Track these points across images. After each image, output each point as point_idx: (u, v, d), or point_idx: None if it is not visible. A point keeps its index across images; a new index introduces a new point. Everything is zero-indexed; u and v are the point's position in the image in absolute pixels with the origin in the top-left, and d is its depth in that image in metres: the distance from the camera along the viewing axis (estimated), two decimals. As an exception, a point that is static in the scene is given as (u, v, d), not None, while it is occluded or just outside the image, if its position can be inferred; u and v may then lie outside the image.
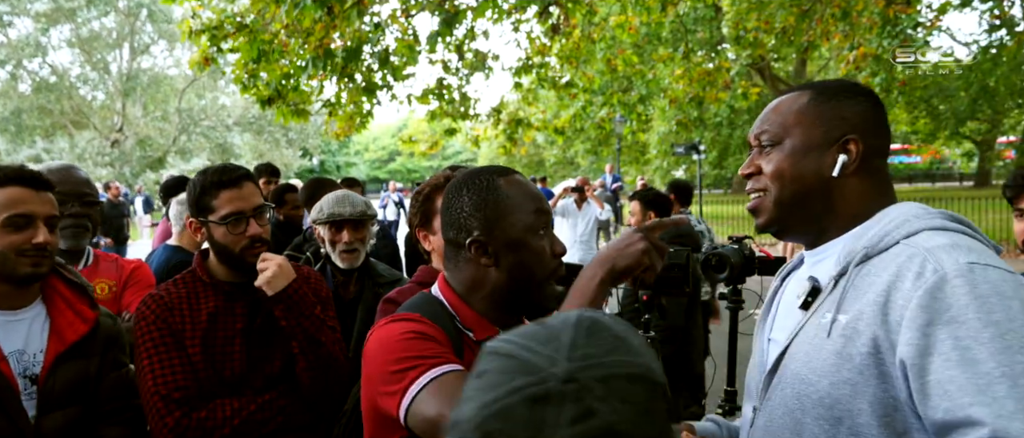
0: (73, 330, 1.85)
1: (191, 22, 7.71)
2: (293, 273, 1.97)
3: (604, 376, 0.62)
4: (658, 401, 0.65)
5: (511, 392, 0.63)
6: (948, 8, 14.27)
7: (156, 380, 1.81)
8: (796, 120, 1.25)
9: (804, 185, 1.24)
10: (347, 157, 59.67)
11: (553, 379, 0.62)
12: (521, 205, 1.35)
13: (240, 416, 1.84)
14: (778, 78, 24.11)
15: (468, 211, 1.34)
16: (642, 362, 0.66)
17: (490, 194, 1.34)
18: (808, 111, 1.25)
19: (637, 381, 0.64)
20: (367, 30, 7.97)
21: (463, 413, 0.66)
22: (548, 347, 0.65)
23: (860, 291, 1.12)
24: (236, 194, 1.94)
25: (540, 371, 0.63)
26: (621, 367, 0.64)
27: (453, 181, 1.42)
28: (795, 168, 1.24)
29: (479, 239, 1.33)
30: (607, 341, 0.66)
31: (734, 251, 1.80)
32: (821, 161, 1.23)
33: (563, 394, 0.61)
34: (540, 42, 9.89)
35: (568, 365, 0.62)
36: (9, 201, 1.73)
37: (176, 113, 36.42)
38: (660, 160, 26.23)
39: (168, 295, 1.93)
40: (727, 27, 11.31)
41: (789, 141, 1.25)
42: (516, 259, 1.34)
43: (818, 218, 1.26)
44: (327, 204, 2.75)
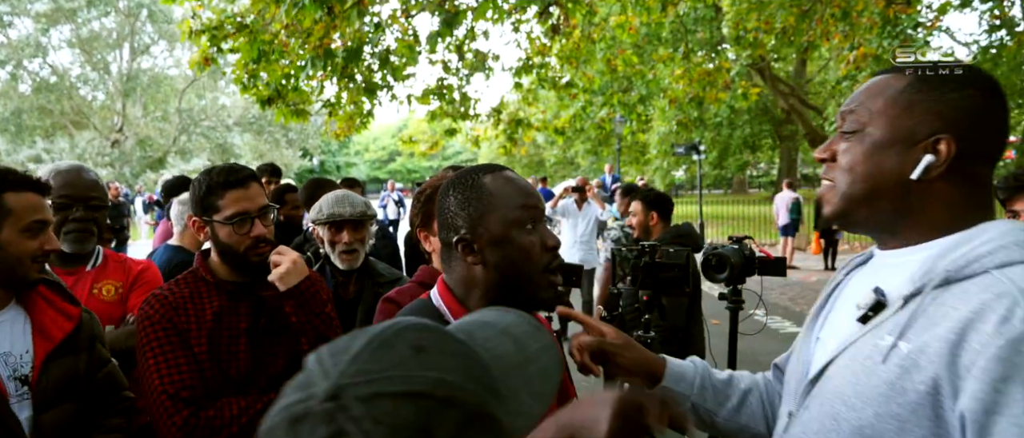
0: (58, 328, 1.85)
1: (191, 22, 7.71)
2: (306, 270, 1.99)
3: (367, 395, 0.55)
4: (449, 426, 0.56)
5: (281, 410, 0.58)
6: (948, 8, 14.29)
7: (163, 379, 1.81)
8: (884, 107, 1.10)
9: (876, 184, 1.10)
10: (347, 157, 59.69)
11: (315, 397, 0.56)
12: (505, 201, 1.34)
13: (247, 414, 1.84)
14: (778, 78, 24.13)
15: (454, 210, 1.35)
16: (433, 378, 0.58)
17: (474, 192, 1.34)
18: (900, 99, 1.09)
19: (410, 400, 0.56)
20: (367, 30, 7.97)
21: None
22: (333, 359, 0.59)
23: (931, 320, 0.97)
24: (242, 194, 1.95)
25: (310, 387, 0.57)
26: (394, 384, 0.56)
27: (444, 182, 1.43)
28: (870, 164, 1.10)
29: (465, 237, 1.33)
30: (396, 356, 0.59)
31: (734, 251, 1.80)
32: (903, 159, 1.08)
33: (319, 413, 0.55)
34: (540, 42, 9.89)
35: (334, 381, 0.56)
36: (29, 207, 1.76)
37: (176, 113, 36.44)
38: (660, 160, 26.23)
39: (172, 295, 1.93)
40: (727, 27, 11.31)
41: (871, 131, 1.11)
42: (502, 255, 1.33)
43: (891, 220, 1.12)
44: (326, 204, 2.74)
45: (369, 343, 0.60)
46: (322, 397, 0.56)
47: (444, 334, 0.65)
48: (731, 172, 36.00)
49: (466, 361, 0.62)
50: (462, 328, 0.74)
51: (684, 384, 1.39)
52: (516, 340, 0.74)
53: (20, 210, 1.72)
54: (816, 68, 27.63)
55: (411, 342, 0.61)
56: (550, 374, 0.77)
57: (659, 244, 2.24)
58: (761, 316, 6.23)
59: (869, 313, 1.07)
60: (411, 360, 0.59)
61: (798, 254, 14.84)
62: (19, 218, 1.71)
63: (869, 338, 1.04)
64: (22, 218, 1.73)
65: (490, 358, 0.67)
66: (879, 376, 1.00)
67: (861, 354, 1.04)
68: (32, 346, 1.81)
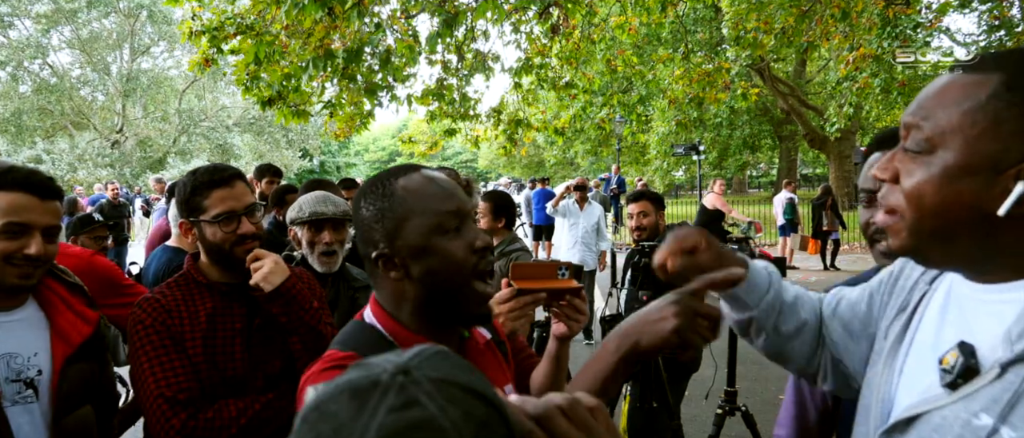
0: (77, 331, 1.84)
1: (191, 23, 7.72)
2: (288, 269, 1.97)
3: (438, 378, 0.57)
4: (499, 430, 0.58)
5: (339, 385, 0.58)
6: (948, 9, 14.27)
7: (159, 383, 1.79)
8: (961, 122, 0.86)
9: (951, 219, 0.88)
10: (347, 158, 59.71)
11: (384, 372, 0.57)
12: (422, 205, 1.20)
13: (246, 415, 1.83)
14: (778, 79, 24.13)
15: (369, 222, 1.21)
16: (487, 388, 0.60)
17: (387, 199, 1.20)
18: (983, 112, 0.85)
19: (475, 396, 0.58)
20: (368, 31, 7.98)
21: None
22: (390, 356, 0.61)
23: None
24: (228, 193, 1.94)
25: (374, 367, 0.58)
26: (459, 378, 0.58)
27: (357, 191, 1.27)
28: (942, 194, 0.88)
29: (383, 252, 1.19)
30: (452, 362, 0.61)
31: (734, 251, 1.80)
32: (985, 190, 0.85)
33: (389, 384, 0.56)
34: (540, 42, 9.90)
35: (404, 361, 0.58)
36: (9, 207, 1.67)
37: (176, 114, 36.44)
38: (660, 160, 26.24)
39: (164, 298, 1.91)
40: (727, 28, 11.32)
41: (944, 153, 0.88)
42: (425, 267, 1.19)
43: (976, 260, 0.91)
44: (308, 203, 2.67)
45: (421, 351, 0.61)
46: (392, 371, 0.57)
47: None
48: (731, 172, 36.00)
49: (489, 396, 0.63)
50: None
51: (754, 297, 1.26)
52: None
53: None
54: (816, 68, 27.64)
55: (457, 360, 0.62)
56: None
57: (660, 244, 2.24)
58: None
59: (958, 380, 0.86)
60: (467, 369, 0.61)
61: (798, 254, 14.84)
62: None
63: (960, 409, 0.85)
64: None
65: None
66: None
67: (952, 429, 0.86)
68: (49, 348, 1.78)
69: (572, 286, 1.55)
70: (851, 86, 11.32)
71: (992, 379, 0.82)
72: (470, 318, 1.27)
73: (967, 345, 0.87)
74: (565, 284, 1.56)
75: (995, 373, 0.82)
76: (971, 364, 0.85)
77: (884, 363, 1.06)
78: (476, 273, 1.21)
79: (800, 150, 32.33)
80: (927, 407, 0.90)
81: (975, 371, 0.85)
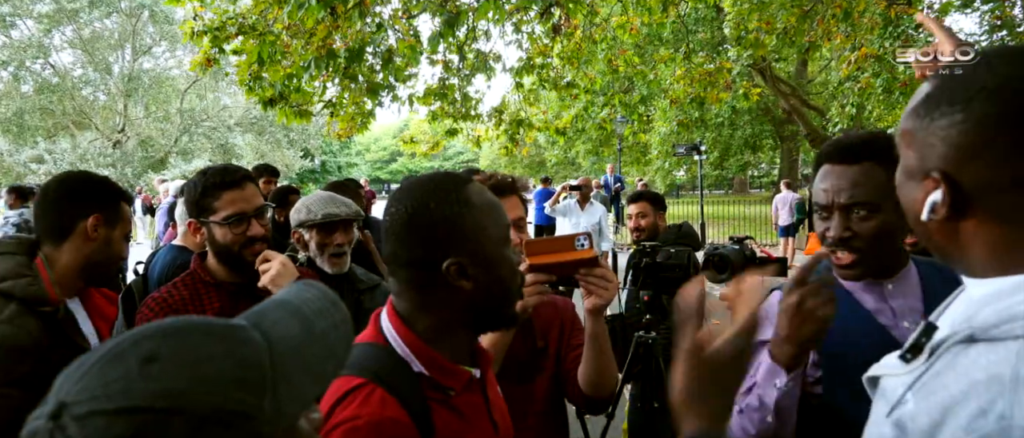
0: (107, 323, 2.04)
1: (193, 23, 7.72)
2: (296, 271, 1.98)
3: (83, 413, 0.57)
4: (175, 434, 0.58)
5: (27, 423, 0.60)
6: (950, 9, 14.26)
7: None
8: (908, 126, 0.94)
9: (909, 220, 0.96)
10: (348, 158, 59.69)
11: (43, 415, 0.59)
12: (494, 217, 1.22)
13: None
14: (779, 79, 24.11)
15: (442, 227, 1.17)
16: (156, 391, 0.59)
17: (461, 208, 1.18)
18: (916, 119, 0.92)
19: (125, 415, 0.57)
20: (369, 30, 7.98)
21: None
22: (69, 374, 0.62)
23: (937, 384, 0.83)
24: (238, 195, 1.95)
25: (46, 404, 0.60)
26: (111, 401, 0.58)
27: (412, 189, 1.22)
28: (900, 193, 0.97)
29: (458, 260, 1.16)
30: (123, 368, 0.60)
31: (735, 251, 1.80)
32: (919, 194, 0.91)
33: (42, 431, 0.58)
34: (541, 42, 9.90)
35: (59, 399, 0.59)
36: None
37: (178, 114, 36.44)
38: (661, 161, 26.23)
39: (171, 297, 1.93)
40: (728, 28, 11.31)
41: (901, 156, 0.96)
42: (495, 276, 1.20)
43: (943, 258, 0.95)
44: (318, 205, 2.63)
45: (101, 358, 0.61)
46: (49, 413, 0.58)
47: (192, 334, 0.65)
48: (732, 172, 35.99)
49: (210, 361, 0.63)
50: (258, 310, 0.76)
51: None
52: (305, 320, 0.75)
53: None
54: (817, 68, 27.61)
55: (144, 353, 0.61)
56: (336, 351, 0.77)
57: (661, 244, 2.25)
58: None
59: (907, 355, 0.92)
60: (135, 373, 0.60)
61: (798, 254, 14.84)
62: None
63: (899, 380, 0.91)
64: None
65: (271, 342, 0.69)
66: (882, 430, 0.90)
67: (885, 394, 0.94)
68: (97, 335, 1.99)
69: (588, 256, 1.55)
70: (853, 86, 11.31)
71: (925, 358, 0.88)
72: (509, 320, 1.28)
73: (931, 325, 0.92)
74: (581, 255, 1.55)
75: (928, 352, 0.88)
76: (920, 342, 0.91)
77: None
78: (523, 280, 1.30)
79: (802, 150, 32.29)
80: (882, 371, 0.97)
81: (920, 349, 0.90)
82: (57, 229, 1.93)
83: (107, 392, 0.58)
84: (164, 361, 0.61)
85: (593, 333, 1.65)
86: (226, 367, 0.63)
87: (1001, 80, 0.83)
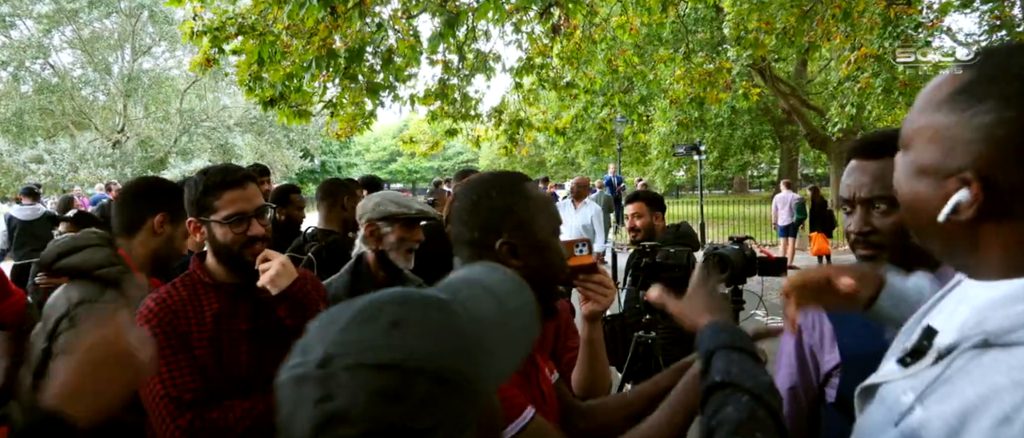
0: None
1: (193, 23, 7.71)
2: (295, 271, 1.98)
3: (351, 364, 0.68)
4: (421, 390, 0.68)
5: (287, 370, 0.72)
6: (949, 8, 14.27)
7: (165, 382, 1.79)
8: (922, 122, 0.89)
9: (916, 216, 0.92)
10: (348, 158, 59.67)
11: (311, 363, 0.69)
12: (546, 209, 1.39)
13: (251, 416, 1.83)
14: (779, 79, 24.12)
15: (500, 212, 1.36)
16: (406, 350, 0.69)
17: (518, 198, 1.37)
18: (936, 114, 0.87)
19: (387, 370, 0.67)
20: (369, 30, 7.98)
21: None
22: (324, 329, 0.72)
23: (951, 391, 0.80)
24: (239, 194, 1.95)
25: (309, 353, 0.71)
26: (374, 355, 0.68)
27: (478, 182, 1.43)
28: (907, 190, 0.92)
29: (510, 241, 1.34)
30: (377, 328, 0.70)
31: (735, 251, 1.80)
32: (934, 193, 0.87)
33: (314, 377, 0.68)
34: (541, 42, 9.90)
35: (325, 351, 0.69)
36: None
37: (177, 114, 36.42)
38: (661, 161, 26.23)
39: (169, 298, 1.91)
40: (728, 28, 11.31)
41: (912, 151, 0.91)
42: (543, 261, 1.37)
43: (946, 253, 0.93)
44: (397, 203, 2.68)
45: (353, 318, 0.72)
46: (316, 363, 0.69)
47: (423, 305, 0.74)
48: (732, 172, 36.00)
49: (442, 329, 0.73)
50: (449, 286, 0.83)
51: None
52: (498, 298, 0.82)
53: None
54: (817, 68, 27.62)
55: (391, 316, 0.71)
56: (527, 330, 0.86)
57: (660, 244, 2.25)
58: (762, 316, 6.24)
59: (907, 359, 0.89)
60: (387, 334, 0.70)
61: (799, 254, 14.84)
62: None
63: (900, 386, 0.89)
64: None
65: (469, 318, 0.76)
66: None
67: (886, 402, 0.91)
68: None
69: (587, 262, 1.63)
70: (853, 86, 11.31)
71: (931, 362, 0.85)
72: (550, 310, 1.41)
73: (931, 329, 0.90)
74: (580, 261, 1.62)
75: (933, 358, 0.85)
76: (922, 346, 0.88)
77: (898, 341, 1.08)
78: (570, 273, 1.43)
79: (801, 150, 32.31)
80: (882, 379, 0.95)
81: (922, 353, 0.88)
82: (129, 225, 2.26)
83: (369, 348, 0.69)
84: (406, 326, 0.71)
85: (589, 338, 1.68)
86: (451, 336, 0.73)
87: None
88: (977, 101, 0.82)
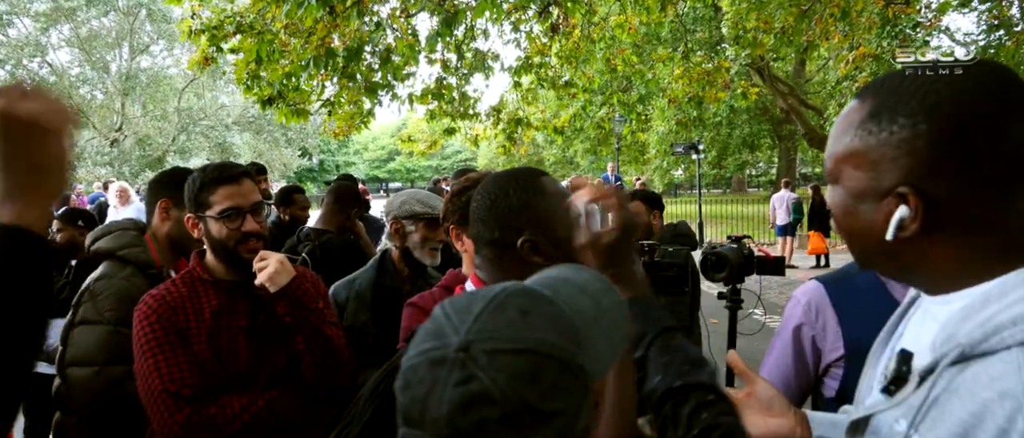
0: None
1: (191, 22, 7.70)
2: (293, 270, 1.98)
3: (491, 349, 0.72)
4: (551, 375, 0.72)
5: (420, 353, 0.76)
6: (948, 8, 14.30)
7: (163, 378, 1.81)
8: (844, 153, 0.91)
9: (861, 242, 0.93)
10: (346, 157, 59.67)
11: (450, 347, 0.73)
12: (565, 205, 1.37)
13: (249, 412, 1.85)
14: (777, 78, 24.13)
15: (518, 210, 1.35)
16: (537, 337, 0.74)
17: (536, 195, 1.36)
18: (857, 141, 0.89)
19: (523, 354, 0.72)
20: (368, 30, 7.97)
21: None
22: (459, 317, 0.76)
23: (945, 410, 0.79)
24: (235, 190, 1.97)
25: (444, 337, 0.75)
26: (511, 341, 0.73)
27: (495, 181, 1.42)
28: (847, 221, 0.93)
29: (531, 238, 1.33)
30: (509, 317, 0.75)
31: (733, 250, 1.80)
32: (875, 216, 0.88)
33: (454, 360, 0.72)
34: (540, 42, 9.89)
35: (464, 336, 0.73)
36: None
37: (175, 112, 36.39)
38: (659, 160, 26.23)
39: (168, 294, 1.93)
40: (726, 27, 11.30)
41: (842, 183, 0.93)
42: (566, 256, 1.33)
43: (904, 278, 0.95)
44: (421, 202, 2.72)
45: (486, 306, 0.77)
46: (456, 347, 0.73)
47: (542, 298, 0.80)
48: (730, 171, 36.01)
49: (560, 321, 0.78)
50: (547, 285, 0.87)
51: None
52: (592, 296, 0.87)
53: None
54: (815, 68, 27.65)
55: (518, 307, 0.77)
56: (620, 326, 0.90)
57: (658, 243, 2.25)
58: (760, 316, 6.24)
59: (891, 387, 0.89)
60: (520, 322, 0.75)
61: (797, 253, 14.87)
62: None
63: (891, 415, 0.89)
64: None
65: (572, 313, 0.81)
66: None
67: (881, 432, 0.91)
68: None
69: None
70: (851, 85, 11.32)
71: (915, 387, 0.85)
72: None
73: (907, 352, 0.90)
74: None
75: (916, 382, 0.85)
76: (901, 372, 0.88)
77: (872, 356, 1.09)
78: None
79: (800, 149, 32.34)
80: (872, 411, 0.93)
81: (904, 379, 0.87)
82: (148, 211, 2.52)
83: (503, 335, 0.73)
84: (534, 315, 0.76)
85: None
86: (569, 327, 0.78)
87: (959, 87, 0.84)
88: (889, 121, 0.85)
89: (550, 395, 0.73)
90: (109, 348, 2.13)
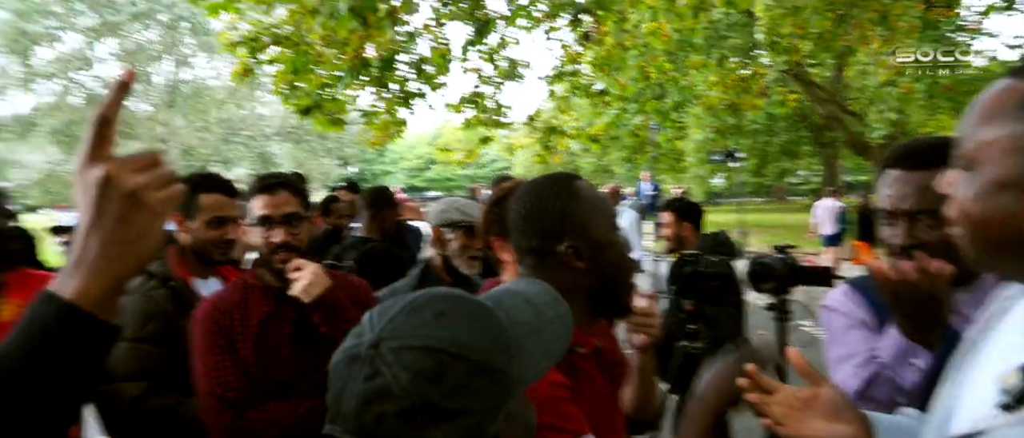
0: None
1: (229, 34, 7.86)
2: (328, 280, 2.00)
3: (398, 346, 0.76)
4: (458, 375, 0.75)
5: (342, 351, 0.82)
6: (992, 10, 13.93)
7: (210, 381, 1.88)
8: (993, 135, 0.82)
9: (996, 235, 0.83)
10: (384, 166, 60.20)
11: (364, 345, 0.79)
12: (602, 208, 1.38)
13: (290, 418, 1.89)
14: (816, 84, 23.73)
15: (553, 217, 1.34)
16: (449, 338, 0.77)
17: (572, 200, 1.35)
18: (1011, 124, 0.80)
19: (430, 353, 0.75)
20: (401, 40, 8.04)
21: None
22: (379, 317, 0.81)
23: None
24: (269, 200, 2.01)
25: (362, 336, 0.80)
26: (418, 340, 0.77)
27: (530, 189, 1.41)
28: (982, 210, 0.84)
29: (573, 244, 1.32)
30: (423, 318, 0.79)
31: (778, 260, 1.76)
32: (1015, 207, 0.80)
33: (365, 357, 0.77)
34: (572, 50, 9.87)
35: (377, 334, 0.78)
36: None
37: (217, 123, 37.09)
38: (698, 168, 25.94)
39: (222, 300, 2.00)
40: (761, 33, 11.15)
41: (982, 168, 0.83)
42: (607, 259, 1.36)
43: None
44: (459, 210, 2.68)
45: (403, 308, 0.81)
46: (367, 345, 0.78)
47: (466, 302, 0.84)
48: (771, 179, 35.46)
49: (485, 325, 0.81)
50: (492, 297, 0.90)
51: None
52: (536, 308, 0.90)
53: None
54: (854, 73, 27.13)
55: (435, 309, 0.80)
56: (562, 337, 0.93)
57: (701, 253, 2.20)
58: (809, 327, 6.10)
59: (1013, 404, 0.79)
60: (433, 323, 0.79)
61: (844, 265, 14.55)
62: None
63: (1015, 434, 0.79)
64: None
65: (510, 322, 0.84)
66: None
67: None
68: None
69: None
70: (891, 91, 11.08)
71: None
72: (623, 309, 1.43)
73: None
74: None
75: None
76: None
77: (956, 371, 1.00)
78: (635, 266, 1.40)
79: (841, 156, 31.71)
80: (983, 426, 0.83)
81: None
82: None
83: (414, 333, 0.77)
84: (450, 317, 0.80)
85: (640, 366, 1.64)
86: (491, 331, 0.81)
87: None
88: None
89: (455, 394, 0.75)
90: (127, 364, 2.09)
